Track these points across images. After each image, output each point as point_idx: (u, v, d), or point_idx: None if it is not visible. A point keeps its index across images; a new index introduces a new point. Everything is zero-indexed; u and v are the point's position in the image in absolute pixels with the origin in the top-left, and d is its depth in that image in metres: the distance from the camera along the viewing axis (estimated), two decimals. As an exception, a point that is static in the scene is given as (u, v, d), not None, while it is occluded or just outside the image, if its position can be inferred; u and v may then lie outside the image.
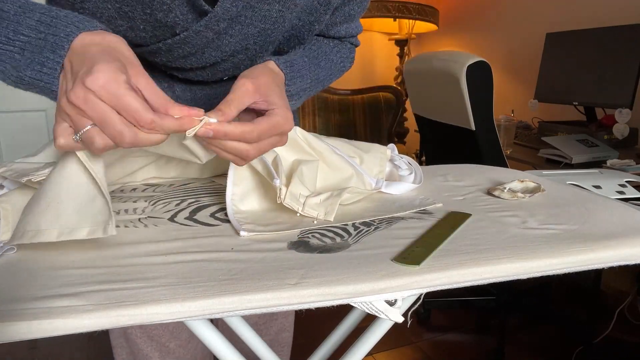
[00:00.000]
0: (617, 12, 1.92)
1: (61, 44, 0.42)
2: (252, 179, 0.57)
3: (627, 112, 1.58)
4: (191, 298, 0.35)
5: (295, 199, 0.53)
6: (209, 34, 0.56)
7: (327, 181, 0.59)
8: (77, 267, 0.40)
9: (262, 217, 0.53)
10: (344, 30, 0.72)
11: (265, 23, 0.59)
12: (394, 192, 0.62)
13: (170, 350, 0.79)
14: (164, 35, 0.57)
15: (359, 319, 0.69)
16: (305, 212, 0.53)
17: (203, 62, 0.62)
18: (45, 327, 0.32)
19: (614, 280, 1.97)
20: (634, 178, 0.83)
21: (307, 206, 0.53)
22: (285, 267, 0.40)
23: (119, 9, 0.53)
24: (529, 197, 0.60)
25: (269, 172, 0.53)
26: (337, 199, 0.54)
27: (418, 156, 2.50)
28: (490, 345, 1.72)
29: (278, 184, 0.52)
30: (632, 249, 0.44)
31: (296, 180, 0.54)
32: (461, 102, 1.43)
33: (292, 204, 0.53)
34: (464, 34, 2.84)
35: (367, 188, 0.60)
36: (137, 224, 0.51)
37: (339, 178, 0.60)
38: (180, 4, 0.54)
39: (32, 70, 0.43)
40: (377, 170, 0.64)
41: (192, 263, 0.41)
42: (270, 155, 0.54)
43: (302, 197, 0.53)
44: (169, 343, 0.79)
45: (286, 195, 0.52)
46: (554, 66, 1.94)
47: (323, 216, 0.52)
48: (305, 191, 0.54)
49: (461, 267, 0.40)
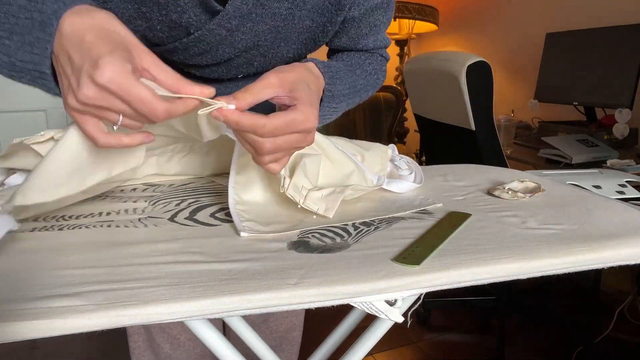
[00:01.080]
0: (617, 12, 1.92)
1: (49, 21, 0.41)
2: (255, 170, 0.57)
3: (627, 112, 1.58)
4: (191, 298, 0.35)
5: (297, 190, 0.53)
6: (222, 31, 0.58)
7: (329, 176, 0.59)
8: (77, 267, 0.40)
9: (262, 214, 0.53)
10: (371, 42, 0.72)
11: (276, 20, 0.60)
12: (395, 189, 0.62)
13: (181, 342, 0.81)
14: (179, 35, 0.59)
15: (359, 319, 0.69)
16: (306, 205, 0.52)
17: (217, 59, 0.64)
18: (46, 327, 0.32)
19: (614, 280, 1.97)
20: (634, 178, 0.83)
21: (309, 199, 0.53)
22: (285, 267, 0.40)
23: (138, 9, 0.56)
24: (529, 197, 0.60)
25: None
26: (339, 196, 0.54)
27: (418, 156, 2.50)
28: (490, 345, 1.72)
29: (282, 173, 0.52)
30: (632, 249, 0.44)
31: (299, 172, 0.54)
32: (461, 102, 1.43)
33: (294, 195, 0.52)
34: (464, 34, 2.84)
35: (369, 184, 0.60)
36: (137, 224, 0.51)
37: (341, 173, 0.60)
38: (194, 6, 0.56)
39: (23, 52, 0.42)
40: (378, 168, 0.64)
41: (192, 263, 0.41)
42: None
43: (304, 190, 0.53)
44: (179, 336, 0.81)
45: (289, 186, 0.52)
46: (554, 66, 1.94)
47: (323, 211, 0.52)
48: (308, 184, 0.54)
49: (461, 267, 0.40)
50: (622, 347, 1.67)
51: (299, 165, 0.55)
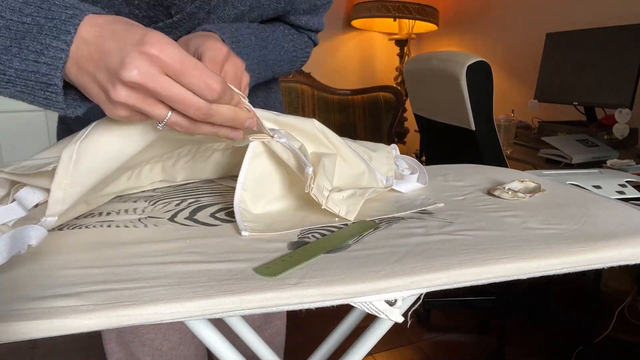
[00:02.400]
0: (617, 12, 1.92)
1: (65, 28, 0.37)
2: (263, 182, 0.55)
3: (627, 112, 1.58)
4: (191, 298, 0.35)
5: (320, 191, 0.51)
6: (201, 14, 0.58)
7: (342, 176, 0.58)
8: (77, 267, 0.40)
9: (264, 214, 0.53)
10: (304, 20, 0.72)
11: None
12: (403, 190, 0.62)
13: (164, 352, 0.79)
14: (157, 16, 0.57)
15: (359, 319, 0.69)
16: (328, 207, 0.51)
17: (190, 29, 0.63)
18: (45, 327, 0.32)
19: (614, 280, 1.97)
20: (634, 178, 0.83)
21: (331, 201, 0.51)
22: (285, 267, 0.40)
23: None
24: (529, 197, 0.60)
25: (299, 160, 0.51)
26: (361, 199, 0.53)
27: (418, 156, 2.50)
28: (490, 345, 1.72)
29: (310, 172, 0.50)
30: (632, 249, 0.44)
31: (321, 172, 0.52)
32: (461, 102, 1.43)
33: (317, 196, 0.51)
34: (464, 34, 2.84)
35: (379, 185, 0.60)
36: (137, 224, 0.51)
37: (353, 173, 0.59)
38: None
39: (22, 60, 0.37)
40: (385, 168, 0.64)
41: (192, 263, 0.41)
42: (296, 144, 0.53)
43: (325, 191, 0.52)
44: (161, 346, 0.78)
45: (313, 187, 0.51)
46: (554, 66, 1.94)
47: (344, 214, 0.51)
48: (329, 185, 0.53)
49: (461, 267, 0.40)
50: (622, 347, 1.67)
51: (319, 165, 0.53)
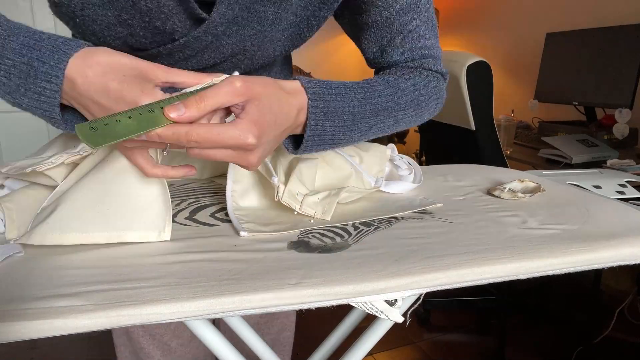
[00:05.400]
0: (617, 12, 1.92)
1: (54, 73, 0.43)
2: (251, 177, 0.57)
3: (627, 112, 1.59)
4: (191, 298, 0.35)
5: (293, 197, 0.53)
6: (208, 37, 0.57)
7: (327, 179, 0.60)
8: (77, 267, 0.40)
9: (262, 216, 0.53)
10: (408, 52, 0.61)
11: (262, 25, 0.58)
12: (392, 191, 0.62)
13: (172, 349, 0.80)
14: (164, 40, 0.57)
15: (359, 319, 0.69)
16: (303, 211, 0.53)
17: (203, 64, 0.62)
18: (45, 327, 0.32)
19: (614, 280, 1.97)
20: (634, 178, 0.83)
21: (305, 204, 0.53)
22: (285, 267, 0.40)
23: (118, 17, 0.53)
24: (529, 197, 0.60)
25: (268, 169, 0.54)
26: (335, 198, 0.54)
27: (418, 156, 2.50)
28: (490, 345, 1.72)
29: (276, 181, 0.52)
30: (632, 249, 0.44)
31: (294, 178, 0.54)
32: (461, 102, 1.43)
33: (290, 202, 0.53)
34: (464, 34, 2.84)
35: (366, 187, 0.60)
36: (137, 224, 0.51)
37: (338, 176, 0.60)
38: (178, 12, 0.53)
39: (29, 99, 0.44)
40: (376, 169, 0.64)
41: (192, 263, 0.41)
42: None
43: (300, 196, 0.54)
44: (170, 342, 0.79)
45: (284, 193, 0.53)
46: (554, 66, 1.94)
47: (320, 215, 0.52)
48: (304, 189, 0.54)
49: (461, 267, 0.40)
50: (622, 347, 1.67)
51: (294, 171, 0.55)
